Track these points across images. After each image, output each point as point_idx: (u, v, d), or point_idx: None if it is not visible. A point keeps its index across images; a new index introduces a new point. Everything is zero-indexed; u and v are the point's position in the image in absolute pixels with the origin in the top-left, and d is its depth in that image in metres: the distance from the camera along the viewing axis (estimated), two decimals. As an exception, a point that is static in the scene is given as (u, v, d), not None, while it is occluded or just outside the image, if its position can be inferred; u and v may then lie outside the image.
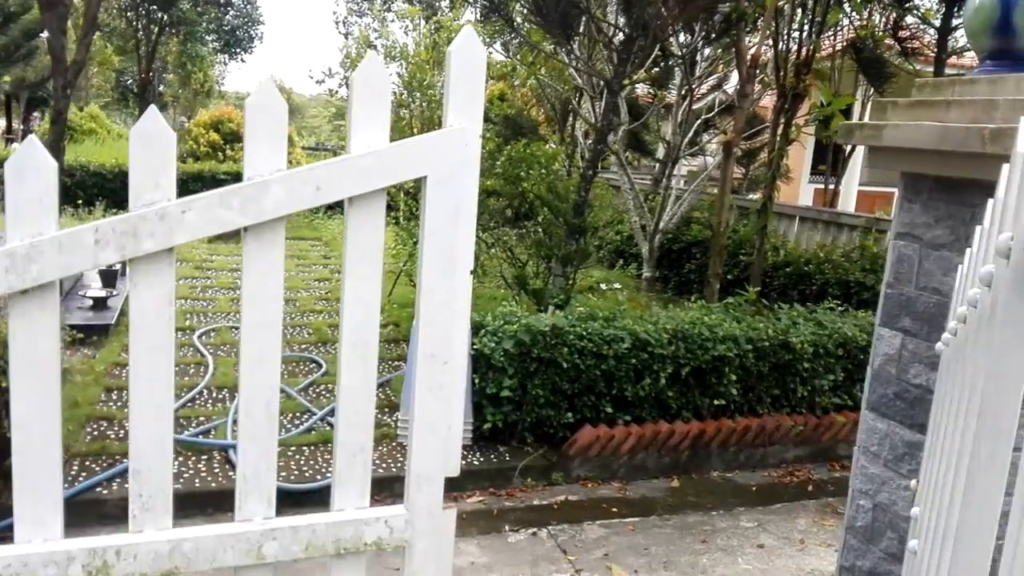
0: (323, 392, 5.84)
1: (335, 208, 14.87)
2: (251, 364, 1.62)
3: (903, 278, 2.38)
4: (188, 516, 4.23)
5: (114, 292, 7.65)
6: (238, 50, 13.97)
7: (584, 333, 4.91)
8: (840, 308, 6.11)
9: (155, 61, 23.79)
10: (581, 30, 7.13)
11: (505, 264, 7.71)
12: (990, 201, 1.55)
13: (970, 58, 9.19)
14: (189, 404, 5.45)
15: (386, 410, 5.48)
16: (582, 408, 4.97)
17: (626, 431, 4.95)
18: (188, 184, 13.86)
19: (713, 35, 6.81)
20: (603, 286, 10.22)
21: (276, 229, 1.57)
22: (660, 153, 13.07)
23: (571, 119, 13.44)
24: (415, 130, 6.95)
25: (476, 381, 4.89)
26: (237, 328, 7.38)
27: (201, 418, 5.24)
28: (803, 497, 4.86)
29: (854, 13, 9.74)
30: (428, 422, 1.72)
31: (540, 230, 7.18)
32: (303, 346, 6.97)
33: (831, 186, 12.90)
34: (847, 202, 14.46)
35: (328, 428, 5.16)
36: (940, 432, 1.76)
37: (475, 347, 4.88)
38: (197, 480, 4.41)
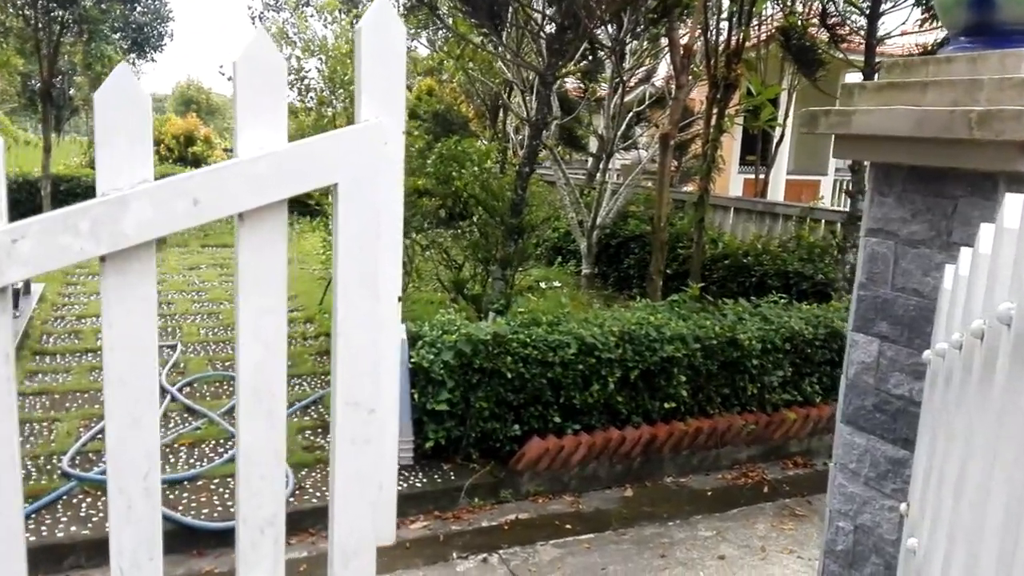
0: (249, 414, 5.40)
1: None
2: (121, 428, 1.27)
3: (878, 278, 2.18)
4: (100, 567, 3.80)
5: (17, 313, 7.01)
6: (147, 49, 13.21)
7: (528, 340, 4.64)
8: (783, 300, 6.00)
9: (61, 63, 22.48)
10: (510, 20, 6.86)
11: (442, 267, 7.39)
12: (984, 227, 1.35)
13: (893, 45, 9.30)
14: (99, 436, 4.95)
15: (319, 431, 5.10)
16: (529, 419, 4.70)
17: (576, 441, 4.70)
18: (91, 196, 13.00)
19: (642, 26, 6.62)
20: (543, 285, 9.99)
21: (143, 258, 1.23)
22: (593, 147, 12.93)
23: (502, 114, 13.17)
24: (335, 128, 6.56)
25: (415, 396, 4.57)
26: (171, 347, 6.88)
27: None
28: (759, 499, 4.71)
29: (778, 2, 9.77)
30: (353, 484, 1.40)
31: (476, 231, 6.88)
32: (227, 363, 6.50)
33: (761, 176, 13.01)
34: (776, 191, 14.63)
35: (255, 455, 4.76)
36: (943, 455, 1.54)
37: (412, 360, 4.56)
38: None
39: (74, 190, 12.89)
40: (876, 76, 6.98)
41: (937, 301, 1.91)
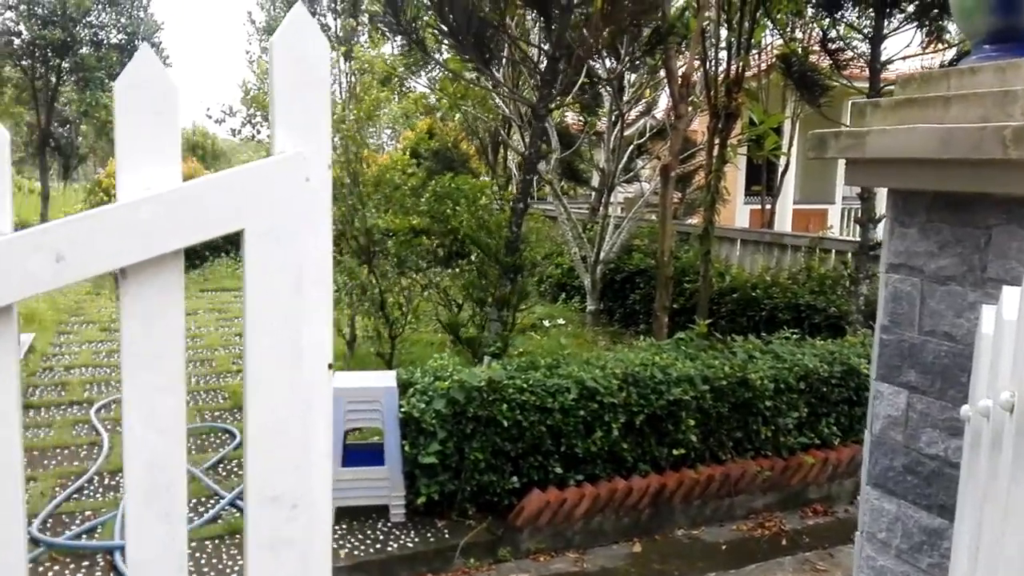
0: (234, 469, 5.13)
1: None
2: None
3: (902, 320, 1.91)
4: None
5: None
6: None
7: (525, 385, 4.37)
8: (795, 335, 5.71)
9: (66, 111, 22.69)
10: (504, 54, 6.73)
11: (441, 307, 7.15)
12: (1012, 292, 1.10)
13: (895, 71, 9.13)
14: (75, 496, 4.68)
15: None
16: (528, 470, 4.41)
17: (579, 493, 4.40)
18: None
19: (638, 55, 6.46)
20: (546, 323, 9.74)
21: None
22: (595, 181, 12.77)
23: (502, 151, 13.06)
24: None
25: (406, 448, 4.29)
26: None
27: (88, 512, 4.49)
28: (778, 553, 4.38)
29: (777, 30, 9.64)
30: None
31: (474, 270, 6.66)
32: (216, 413, 6.24)
33: (767, 206, 12.78)
34: (783, 222, 14.40)
35: (238, 514, 4.47)
36: (995, 532, 1.27)
37: (403, 409, 4.29)
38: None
39: (73, 237, 12.78)
40: (891, 94, 6.79)
41: (974, 347, 1.65)
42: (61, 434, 5.65)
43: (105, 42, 13.49)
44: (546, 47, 5.41)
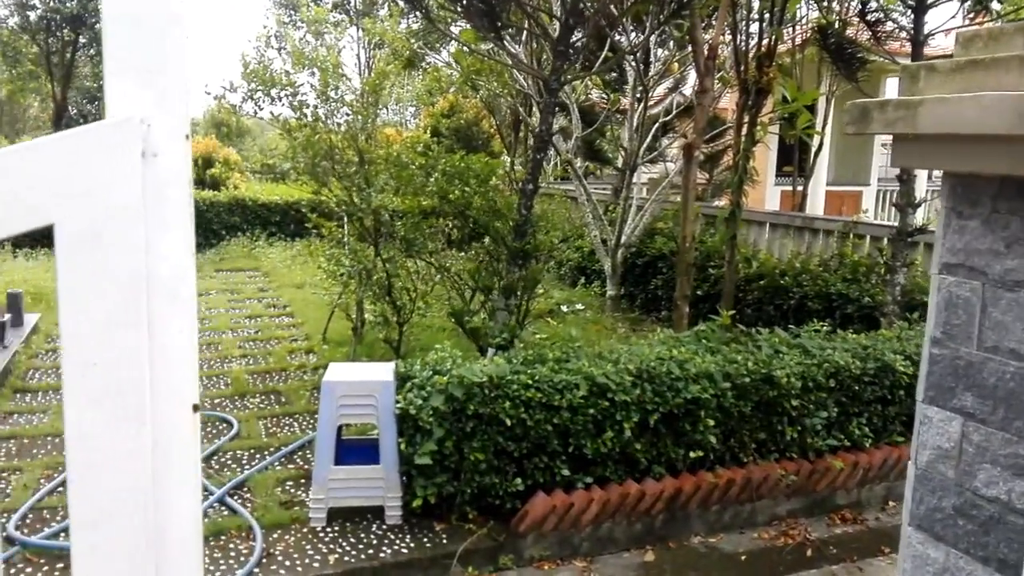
0: (228, 462, 4.91)
1: (277, 233, 13.94)
2: None
3: (958, 332, 1.57)
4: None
5: (2, 347, 6.66)
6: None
7: (530, 381, 4.07)
8: (825, 328, 5.32)
9: (92, 86, 22.66)
10: (523, 27, 6.35)
11: (454, 292, 6.85)
12: None
13: (936, 47, 8.58)
14: (60, 490, 4.49)
15: (302, 483, 4.58)
16: (533, 472, 4.12)
17: (588, 497, 4.10)
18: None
19: (663, 22, 6.04)
20: (564, 308, 9.41)
21: None
22: (620, 162, 12.36)
23: (523, 129, 12.67)
24: (331, 147, 6.09)
25: (403, 447, 4.02)
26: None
27: (75, 506, 4.29)
28: (802, 565, 4.05)
29: (813, 1, 9.13)
30: None
31: (484, 254, 6.35)
32: (216, 400, 6.04)
33: (799, 188, 12.28)
34: (815, 204, 13.86)
35: (227, 512, 4.25)
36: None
37: (400, 405, 4.02)
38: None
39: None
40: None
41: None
42: (55, 421, 5.47)
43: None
44: (556, 11, 5.03)
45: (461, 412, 3.96)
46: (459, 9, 4.84)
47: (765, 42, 7.47)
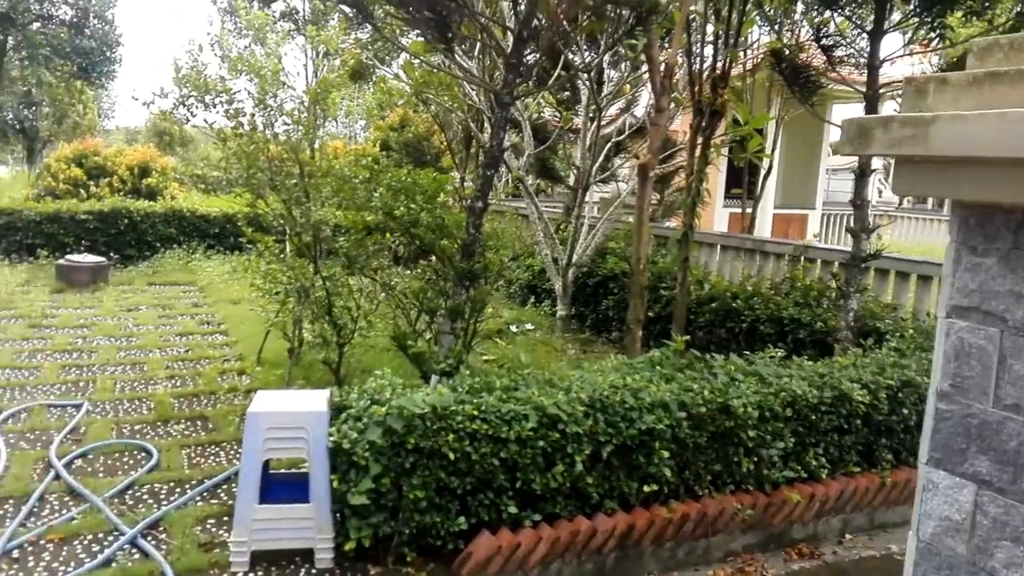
0: (145, 497, 4.49)
1: (216, 246, 13.36)
2: None
3: (970, 386, 1.36)
4: None
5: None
6: (95, 75, 12.35)
7: (476, 412, 3.79)
8: (780, 354, 5.17)
9: (32, 91, 21.62)
10: (467, 35, 6.11)
11: (399, 311, 6.51)
12: None
13: (883, 76, 8.64)
14: (-49, 529, 4.02)
15: (225, 521, 4.19)
16: (478, 510, 3.83)
17: (536, 536, 3.83)
18: (43, 226, 12.15)
19: (618, 38, 5.88)
20: (514, 328, 9.16)
21: None
22: (572, 181, 12.22)
23: (475, 145, 12.44)
24: (268, 158, 5.74)
25: (335, 484, 3.69)
26: (58, 407, 5.94)
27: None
28: (760, 607, 3.85)
29: (766, 25, 9.14)
30: None
31: (434, 273, 6.05)
32: (136, 427, 5.58)
33: (747, 210, 12.32)
34: (763, 227, 13.94)
35: (138, 556, 3.84)
36: None
37: (333, 439, 3.69)
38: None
39: (13, 224, 11.99)
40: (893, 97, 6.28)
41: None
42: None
43: (55, 18, 12.66)
44: (509, 22, 4.82)
45: (400, 446, 3.66)
46: (408, 19, 4.57)
47: (720, 63, 7.40)
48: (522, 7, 4.34)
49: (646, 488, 4.14)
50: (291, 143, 6.07)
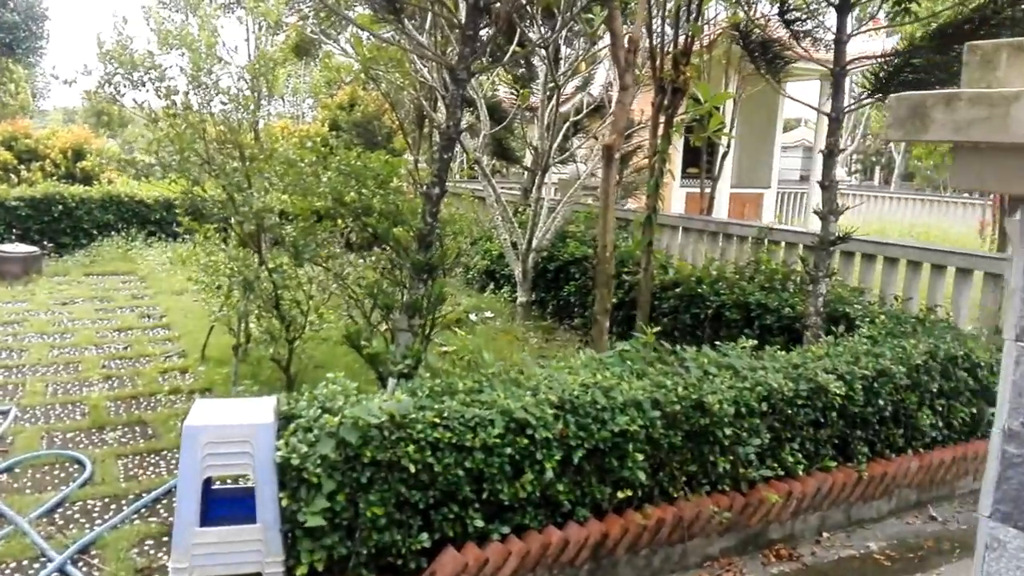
0: (77, 516, 4.10)
1: (157, 232, 12.74)
2: None
3: (1051, 426, 1.11)
4: None
5: None
6: (20, 50, 11.54)
7: (438, 419, 3.49)
8: (751, 343, 4.97)
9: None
10: (416, 3, 5.73)
11: (353, 302, 6.14)
12: None
13: (862, 42, 8.50)
14: None
15: (163, 542, 3.83)
16: (442, 524, 3.54)
17: (505, 550, 3.57)
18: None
19: (574, 10, 5.57)
20: (473, 316, 8.86)
21: None
22: (528, 161, 11.90)
23: (428, 126, 12.03)
24: (205, 140, 5.31)
25: (285, 502, 3.37)
26: (1, 415, 5.37)
27: None
28: (740, 615, 3.66)
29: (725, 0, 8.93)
30: None
31: (388, 262, 5.70)
32: (68, 435, 5.15)
33: (706, 190, 12.17)
34: (720, 206, 13.84)
35: (65, 586, 3.47)
36: None
37: (281, 453, 3.36)
38: None
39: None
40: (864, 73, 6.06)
41: None
42: None
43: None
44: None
45: (356, 459, 3.35)
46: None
47: (681, 39, 7.16)
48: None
49: (620, 494, 3.90)
50: (230, 124, 5.63)
